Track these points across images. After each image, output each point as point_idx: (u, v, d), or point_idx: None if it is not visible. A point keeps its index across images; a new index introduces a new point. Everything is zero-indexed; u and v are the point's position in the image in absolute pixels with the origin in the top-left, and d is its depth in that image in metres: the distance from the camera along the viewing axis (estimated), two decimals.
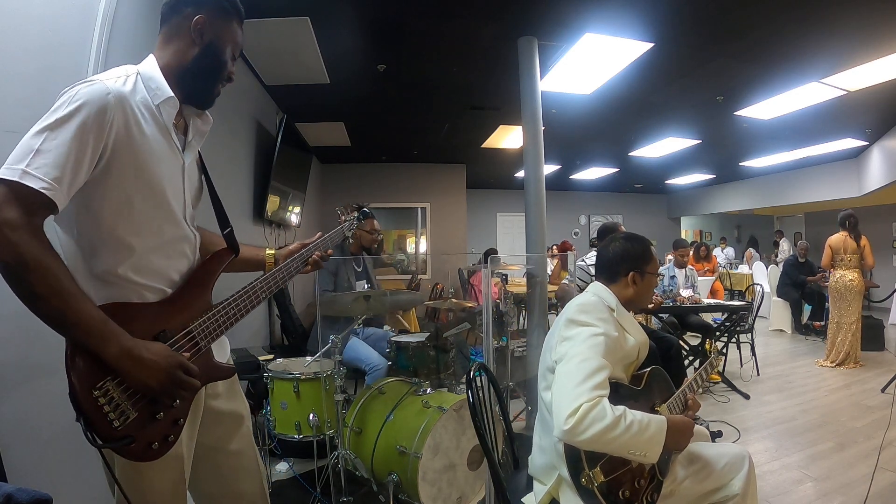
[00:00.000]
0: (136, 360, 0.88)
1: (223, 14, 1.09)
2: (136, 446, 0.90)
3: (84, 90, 0.90)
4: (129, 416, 0.89)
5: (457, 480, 2.13)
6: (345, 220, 1.61)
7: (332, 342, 2.20)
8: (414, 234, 8.54)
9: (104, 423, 0.86)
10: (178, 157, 1.09)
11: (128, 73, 1.01)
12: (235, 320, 1.10)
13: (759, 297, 5.09)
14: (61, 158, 0.85)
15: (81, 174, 0.89)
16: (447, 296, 7.01)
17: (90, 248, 0.96)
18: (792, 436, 3.10)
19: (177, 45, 1.06)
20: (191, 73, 1.07)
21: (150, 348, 0.91)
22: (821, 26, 3.26)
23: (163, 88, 1.02)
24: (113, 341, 0.87)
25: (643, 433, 1.16)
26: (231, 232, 1.22)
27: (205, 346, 1.04)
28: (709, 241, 11.03)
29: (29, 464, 1.45)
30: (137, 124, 0.97)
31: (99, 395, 0.86)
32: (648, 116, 5.43)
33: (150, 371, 0.89)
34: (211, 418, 1.16)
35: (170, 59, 1.06)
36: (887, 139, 6.29)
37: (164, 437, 0.95)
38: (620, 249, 1.51)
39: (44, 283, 0.82)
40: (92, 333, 0.85)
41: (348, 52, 3.65)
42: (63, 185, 0.85)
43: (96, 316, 0.86)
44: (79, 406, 0.85)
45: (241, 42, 1.15)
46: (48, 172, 0.84)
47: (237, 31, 1.13)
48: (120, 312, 0.91)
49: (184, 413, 0.99)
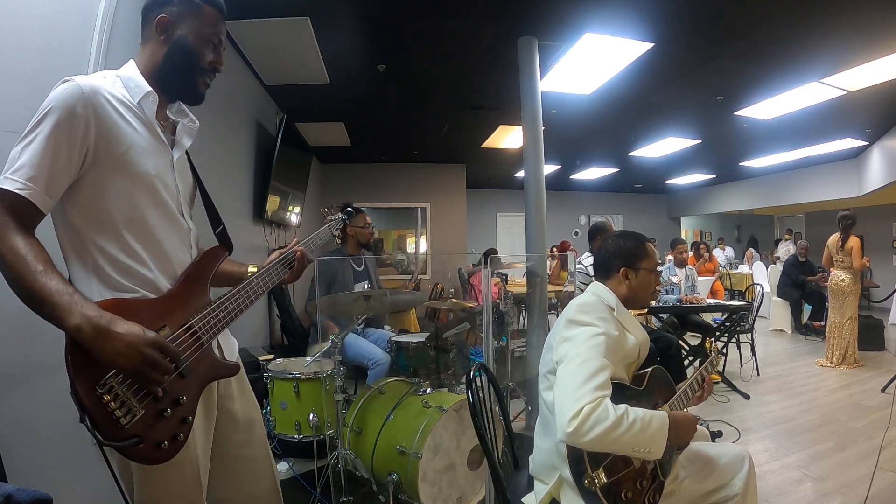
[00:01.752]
0: (102, 332, 0.84)
1: (189, 7, 1.10)
2: (145, 447, 0.89)
3: (54, 94, 0.94)
4: (136, 414, 0.88)
5: (457, 480, 2.13)
6: (330, 220, 1.61)
7: (332, 342, 2.20)
8: (414, 234, 8.54)
9: (110, 421, 0.85)
10: (167, 151, 1.10)
11: (105, 75, 1.05)
12: (235, 315, 1.10)
13: (759, 297, 5.09)
14: (36, 159, 0.90)
15: (62, 172, 0.92)
16: (447, 296, 7.01)
17: (88, 246, 0.97)
18: (792, 436, 3.10)
19: (150, 48, 1.10)
20: (166, 71, 1.09)
21: (120, 322, 0.87)
22: (821, 26, 3.26)
23: (141, 85, 1.06)
24: (75, 311, 0.84)
25: (646, 430, 1.16)
26: (224, 230, 1.22)
27: (207, 341, 1.03)
28: (708, 241, 11.02)
29: (29, 464, 1.45)
30: (119, 116, 1.00)
31: (103, 393, 0.84)
32: (648, 116, 5.42)
33: (117, 345, 0.84)
34: (227, 421, 1.16)
35: (147, 62, 1.09)
36: (887, 139, 6.29)
37: (173, 437, 0.94)
38: (612, 246, 1.52)
39: (14, 267, 0.85)
40: (57, 305, 0.84)
41: (348, 52, 3.65)
42: (40, 185, 0.90)
43: (62, 289, 0.85)
44: (82, 405, 0.83)
45: (217, 29, 1.14)
46: (24, 174, 0.89)
47: (209, 19, 1.11)
48: (120, 308, 0.91)
49: (191, 411, 0.98)
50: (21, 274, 0.85)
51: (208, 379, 1.05)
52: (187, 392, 0.97)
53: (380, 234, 8.40)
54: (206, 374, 1.03)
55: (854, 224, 4.71)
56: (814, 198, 8.55)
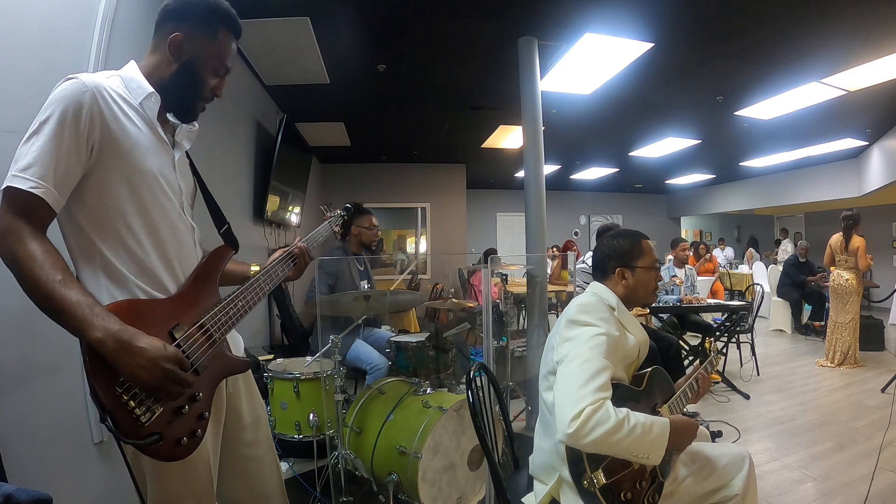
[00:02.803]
0: (125, 346, 0.84)
1: (206, 29, 1.08)
2: (165, 445, 0.90)
3: (59, 91, 0.94)
4: (155, 412, 0.89)
5: (457, 480, 2.13)
6: (330, 216, 1.61)
7: (332, 342, 2.20)
8: (414, 234, 8.54)
9: (130, 420, 0.86)
10: (168, 150, 1.11)
11: (108, 74, 1.05)
12: (244, 312, 1.12)
13: (759, 297, 5.09)
14: (45, 157, 0.89)
15: (70, 169, 0.92)
16: (447, 296, 7.01)
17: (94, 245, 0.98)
18: (792, 436, 3.10)
19: (158, 58, 1.09)
20: (170, 89, 1.08)
21: (142, 337, 0.87)
22: (821, 26, 3.26)
23: (143, 86, 1.05)
24: (97, 324, 0.84)
25: (647, 436, 1.16)
26: (228, 228, 1.23)
27: (219, 338, 1.05)
28: (708, 241, 11.03)
29: (29, 464, 1.45)
30: (123, 114, 1.00)
31: (122, 392, 0.85)
32: (648, 116, 5.42)
33: (139, 359, 0.85)
34: (235, 419, 1.17)
35: (152, 71, 1.08)
36: (887, 139, 6.29)
37: (191, 433, 0.95)
38: (608, 246, 1.52)
39: (30, 274, 0.84)
40: (78, 317, 0.84)
41: (348, 52, 3.64)
42: (50, 182, 0.89)
43: (82, 300, 0.85)
44: (103, 406, 0.84)
45: (230, 55, 1.14)
46: (35, 172, 0.88)
47: (224, 45, 1.11)
48: (132, 310, 0.92)
49: (207, 406, 1.00)
50: (39, 282, 0.84)
51: (221, 375, 1.07)
52: (203, 389, 0.99)
53: (380, 234, 8.40)
54: (219, 371, 1.05)
55: (857, 224, 4.70)
56: (814, 198, 8.55)
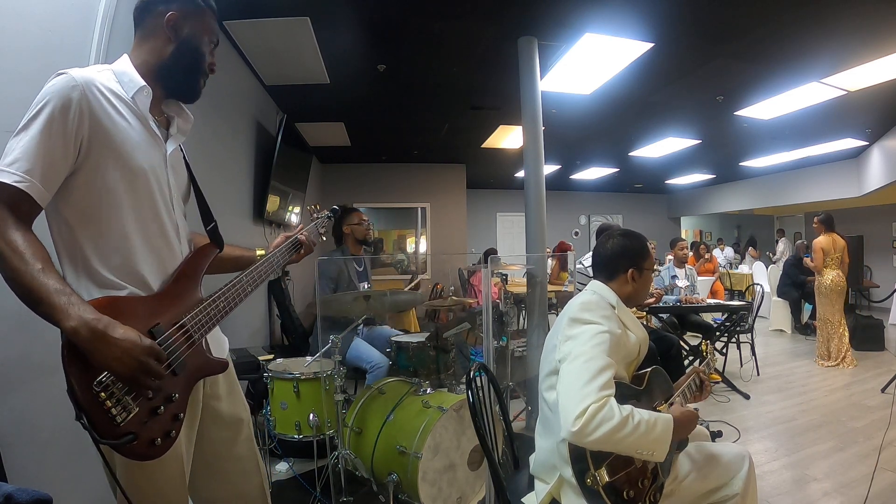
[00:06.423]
0: (99, 335, 0.83)
1: (195, 8, 1.11)
2: (139, 444, 0.89)
3: (49, 86, 0.94)
4: (131, 412, 0.88)
5: (457, 480, 2.13)
6: (317, 217, 1.56)
7: (332, 342, 2.20)
8: (414, 234, 8.54)
9: (106, 419, 0.85)
10: (160, 145, 1.10)
11: (100, 69, 1.05)
12: (226, 313, 1.10)
13: (759, 297, 5.09)
14: (31, 151, 0.89)
15: (57, 164, 0.92)
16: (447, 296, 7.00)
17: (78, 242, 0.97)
18: (792, 436, 3.10)
19: (153, 43, 1.09)
20: (171, 69, 1.09)
21: (117, 327, 0.86)
22: (821, 26, 3.26)
23: (135, 80, 1.05)
24: (72, 313, 0.83)
25: (651, 432, 1.16)
26: (215, 227, 1.22)
27: (198, 339, 1.03)
28: (708, 241, 11.02)
29: (29, 464, 1.45)
30: (113, 108, 1.00)
31: (100, 391, 0.84)
32: (648, 116, 5.42)
33: (114, 350, 0.84)
34: (212, 420, 1.16)
35: (147, 57, 1.08)
36: (887, 139, 6.29)
37: (165, 433, 0.94)
38: (619, 247, 1.51)
39: (11, 265, 0.84)
40: (54, 306, 0.83)
41: (348, 52, 3.64)
42: (35, 177, 0.89)
43: (60, 289, 0.85)
44: (79, 403, 0.83)
45: (216, 33, 1.17)
46: (20, 167, 0.88)
47: (211, 23, 1.15)
48: (114, 306, 0.91)
49: (182, 408, 0.99)
50: (19, 272, 0.84)
51: (198, 376, 1.05)
52: (178, 389, 0.98)
53: (380, 234, 8.40)
54: (195, 372, 1.03)
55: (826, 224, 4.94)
56: (814, 198, 8.55)
